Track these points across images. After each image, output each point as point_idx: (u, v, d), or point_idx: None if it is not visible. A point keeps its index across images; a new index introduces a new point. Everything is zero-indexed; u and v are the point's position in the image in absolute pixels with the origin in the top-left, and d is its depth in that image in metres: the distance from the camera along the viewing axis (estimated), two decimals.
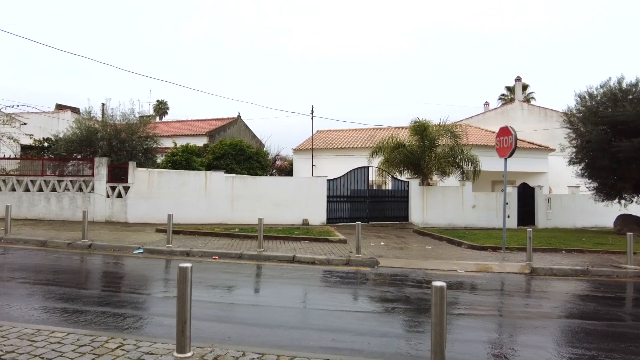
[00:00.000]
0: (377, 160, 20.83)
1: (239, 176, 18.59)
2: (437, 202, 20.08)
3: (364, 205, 19.23)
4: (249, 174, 20.98)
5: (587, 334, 5.69)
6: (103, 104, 21.33)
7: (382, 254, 11.05)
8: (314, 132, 30.59)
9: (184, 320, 3.92)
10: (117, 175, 17.19)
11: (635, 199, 18.34)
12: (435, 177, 21.43)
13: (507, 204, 19.60)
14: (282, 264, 9.81)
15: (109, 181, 17.09)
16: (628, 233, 10.66)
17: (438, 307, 3.56)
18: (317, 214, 17.92)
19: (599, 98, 17.51)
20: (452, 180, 21.08)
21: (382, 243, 13.33)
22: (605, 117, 16.57)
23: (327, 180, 18.50)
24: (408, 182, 20.13)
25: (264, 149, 31.25)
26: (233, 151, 22.13)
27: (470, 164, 20.04)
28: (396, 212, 19.88)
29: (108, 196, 17.00)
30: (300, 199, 17.86)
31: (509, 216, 20.26)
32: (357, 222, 10.80)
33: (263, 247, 10.77)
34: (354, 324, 5.61)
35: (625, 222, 17.82)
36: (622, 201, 18.21)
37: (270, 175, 28.07)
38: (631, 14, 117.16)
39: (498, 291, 8.30)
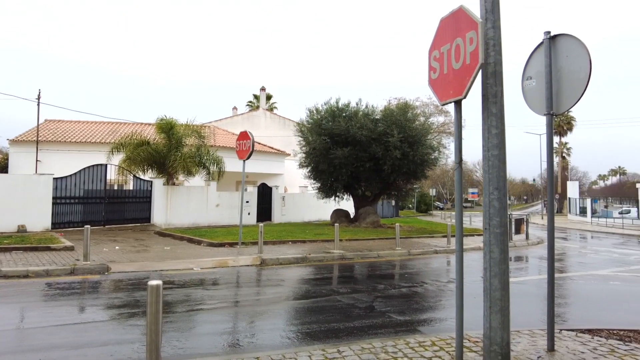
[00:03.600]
0: (118, 158, 19.27)
1: None
2: (181, 202, 20.01)
3: (100, 207, 17.50)
4: None
5: (298, 312, 6.72)
6: None
7: (115, 259, 10.31)
8: (40, 122, 25.91)
9: None
10: None
11: (345, 197, 22.59)
12: (181, 177, 21.32)
13: (247, 202, 21.18)
14: None
15: None
16: (335, 224, 13.24)
17: (154, 306, 3.59)
18: (39, 219, 15.33)
19: (323, 113, 20.81)
20: (198, 180, 21.39)
21: (117, 247, 12.43)
22: (326, 130, 19.81)
23: (54, 178, 16.06)
24: (152, 181, 19.37)
25: None
26: None
27: (215, 164, 20.74)
28: (137, 214, 18.86)
29: None
30: (15, 202, 14.91)
31: (249, 213, 21.93)
32: (87, 226, 9.75)
33: None
34: (71, 338, 5.10)
35: (338, 215, 21.73)
36: (337, 198, 22.16)
37: None
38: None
39: (231, 284, 8.89)
